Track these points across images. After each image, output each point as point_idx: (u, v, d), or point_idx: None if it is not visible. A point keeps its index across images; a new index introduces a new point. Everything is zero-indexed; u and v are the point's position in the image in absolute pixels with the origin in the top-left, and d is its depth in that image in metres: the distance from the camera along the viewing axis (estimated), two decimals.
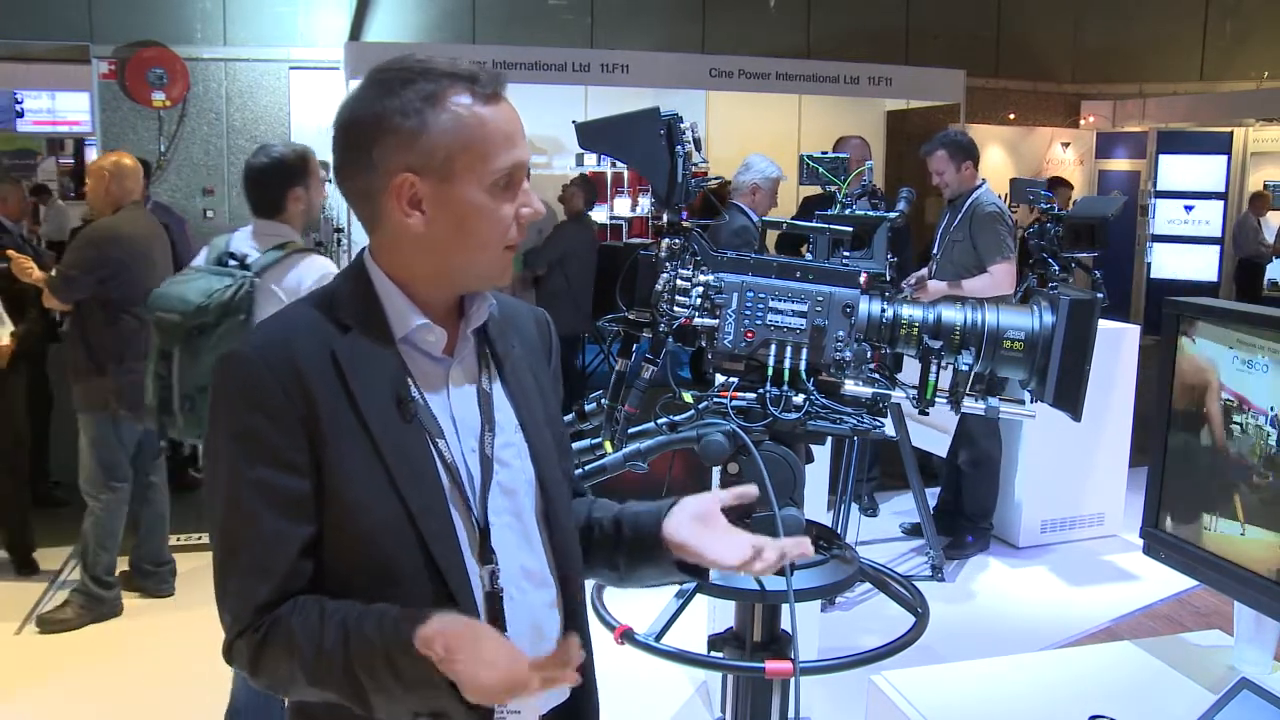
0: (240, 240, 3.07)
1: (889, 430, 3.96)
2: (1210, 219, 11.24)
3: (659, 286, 1.81)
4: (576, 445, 1.81)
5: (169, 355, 2.93)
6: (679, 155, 1.86)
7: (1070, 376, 1.69)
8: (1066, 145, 11.43)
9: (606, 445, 1.82)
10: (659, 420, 1.81)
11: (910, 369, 1.79)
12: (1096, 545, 5.09)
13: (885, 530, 5.18)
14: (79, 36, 9.39)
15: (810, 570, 1.76)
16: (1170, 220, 11.35)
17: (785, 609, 1.80)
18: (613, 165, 10.30)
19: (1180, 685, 1.67)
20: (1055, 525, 5.13)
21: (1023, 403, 1.78)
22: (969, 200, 4.70)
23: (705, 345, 1.78)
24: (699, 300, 1.75)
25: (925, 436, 4.71)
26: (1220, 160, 11.19)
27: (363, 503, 1.21)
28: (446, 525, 1.25)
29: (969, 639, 4.05)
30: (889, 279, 1.87)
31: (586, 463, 1.80)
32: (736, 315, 1.73)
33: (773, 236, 6.31)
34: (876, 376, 1.78)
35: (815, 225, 1.93)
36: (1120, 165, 11.58)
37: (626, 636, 1.72)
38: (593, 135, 1.93)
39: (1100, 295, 1.90)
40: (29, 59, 10.03)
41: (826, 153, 4.07)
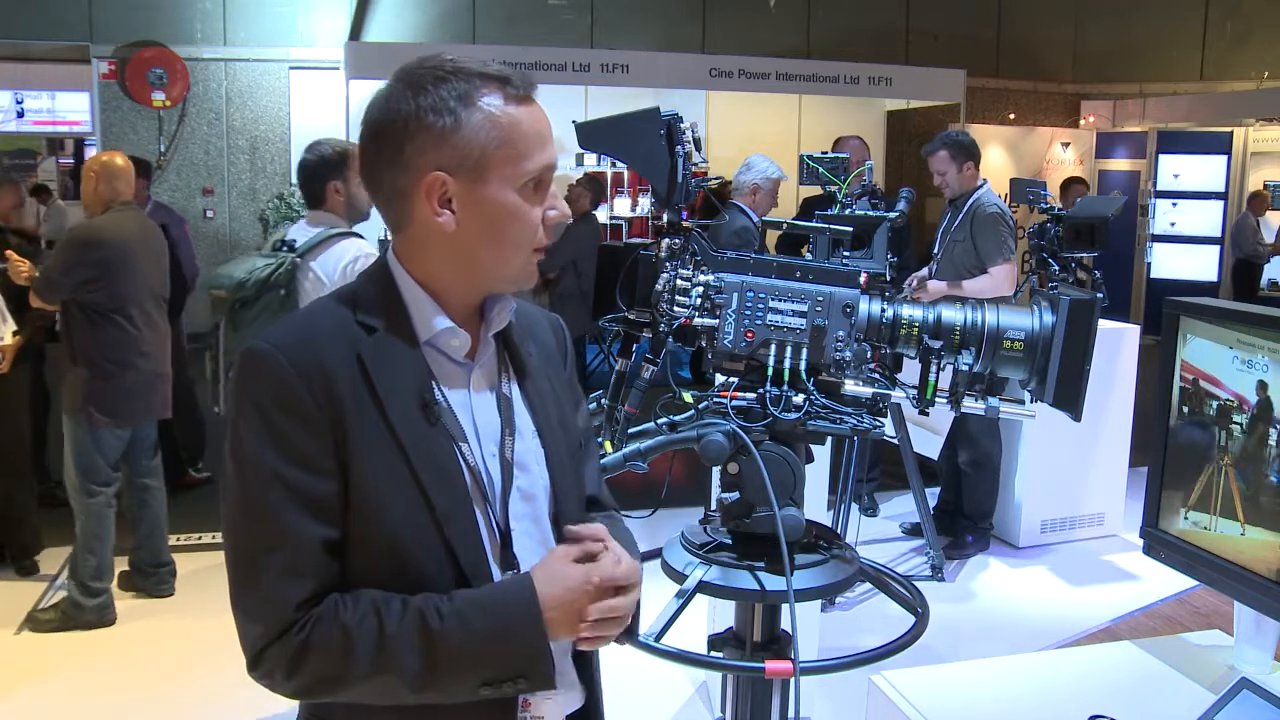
0: (295, 229, 3.35)
1: (889, 430, 3.97)
2: (1205, 217, 11.24)
3: (659, 286, 1.81)
4: None
5: (218, 329, 3.24)
6: (679, 155, 1.85)
7: (1070, 377, 1.69)
8: (1067, 145, 11.43)
9: (606, 445, 1.82)
10: (659, 420, 1.81)
11: (910, 369, 1.79)
12: (1096, 545, 5.09)
13: (885, 530, 5.18)
14: (79, 36, 9.40)
15: (810, 570, 1.76)
16: (1163, 214, 11.36)
17: (785, 609, 1.80)
18: (613, 165, 10.31)
19: (1180, 685, 1.67)
20: (1055, 525, 5.13)
21: (1023, 403, 1.78)
22: (970, 200, 4.70)
23: (705, 345, 1.78)
24: (699, 300, 1.75)
25: (916, 437, 4.71)
26: (1220, 160, 11.19)
27: (388, 505, 1.21)
28: (471, 528, 1.25)
29: (969, 639, 4.05)
30: (889, 279, 1.87)
31: None
32: (736, 315, 1.73)
33: (773, 237, 6.32)
34: (876, 376, 1.78)
35: (815, 225, 1.93)
36: (1120, 165, 11.58)
37: (626, 636, 1.72)
38: (593, 135, 1.93)
39: (1100, 295, 1.90)
40: (29, 59, 10.03)
41: (826, 153, 4.09)
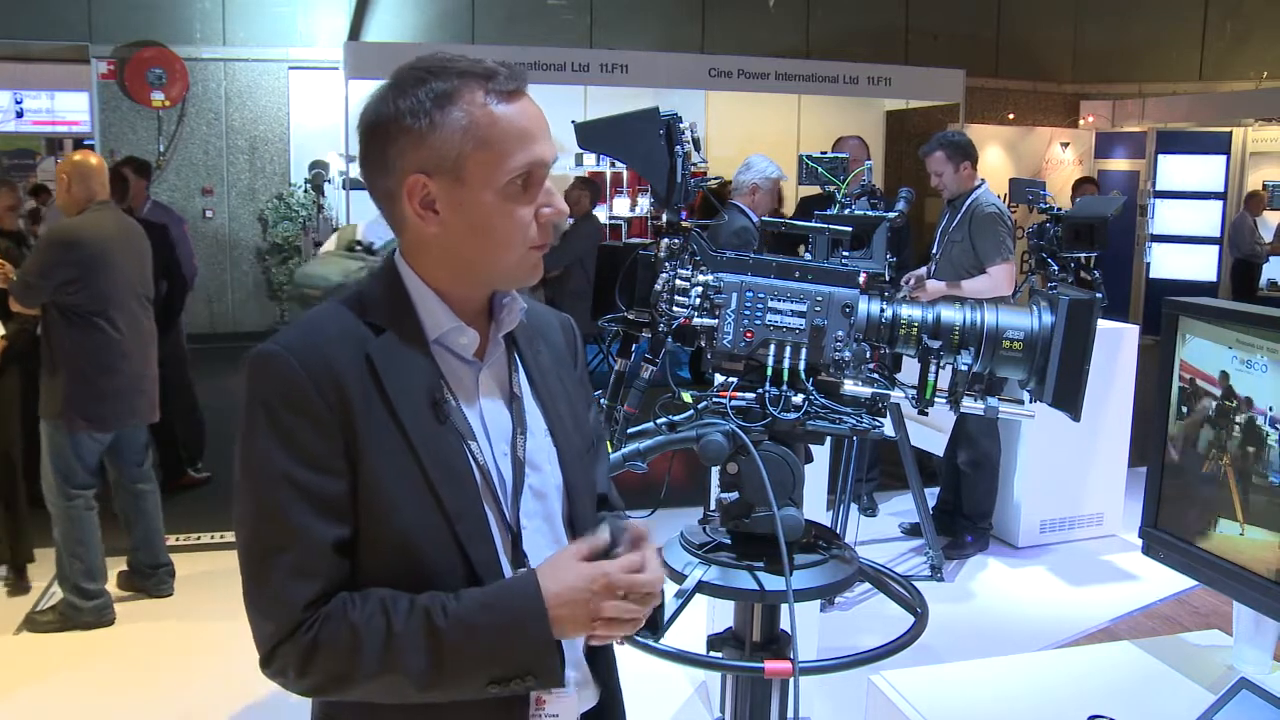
0: (368, 229, 3.54)
1: (888, 430, 3.97)
2: (1204, 217, 11.25)
3: (658, 286, 1.81)
4: None
5: None
6: (678, 155, 1.85)
7: (1069, 377, 1.69)
8: (1066, 145, 11.44)
9: (606, 445, 1.82)
10: (658, 420, 1.81)
11: (910, 369, 1.79)
12: (1096, 545, 5.09)
13: (884, 530, 5.18)
14: (78, 36, 9.40)
15: (809, 570, 1.76)
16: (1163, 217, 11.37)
17: (784, 609, 1.80)
18: (612, 165, 10.31)
19: (1179, 685, 1.67)
20: (1054, 525, 5.13)
21: (1022, 403, 1.78)
22: (968, 201, 4.70)
23: (704, 345, 1.78)
24: (698, 300, 1.75)
25: (922, 435, 4.71)
26: (1219, 160, 11.19)
27: (399, 504, 1.21)
28: (482, 527, 1.25)
29: (968, 639, 4.05)
30: (888, 279, 1.87)
31: None
32: (735, 315, 1.73)
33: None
34: (876, 376, 1.78)
35: (814, 225, 1.93)
36: (1119, 165, 11.59)
37: (626, 637, 1.72)
38: (592, 135, 1.93)
39: (1099, 295, 1.90)
40: (29, 59, 10.03)
41: (826, 153, 4.09)
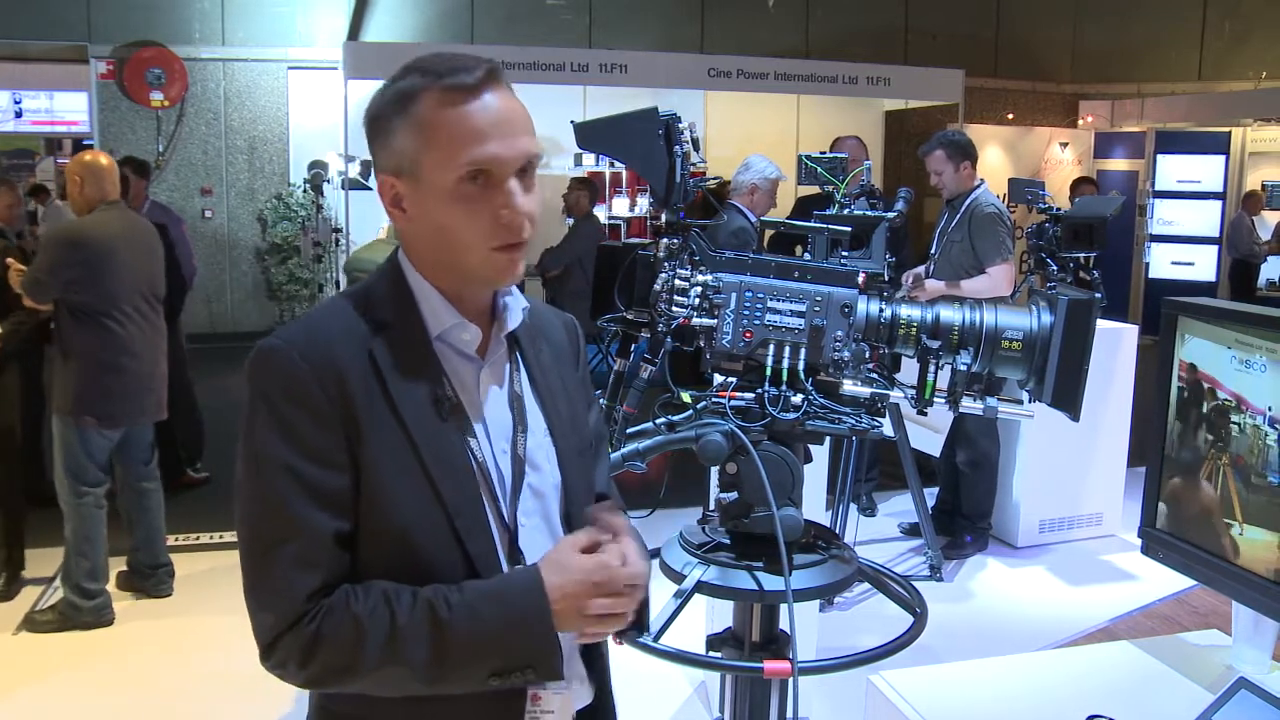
0: None
1: (887, 430, 3.97)
2: (1204, 217, 11.25)
3: (657, 286, 1.81)
4: None
5: None
6: (677, 155, 1.86)
7: (1068, 377, 1.69)
8: (1065, 145, 11.44)
9: (607, 446, 1.82)
10: (657, 420, 1.81)
11: (909, 369, 1.79)
12: (1095, 545, 5.10)
13: (884, 530, 5.18)
14: (77, 36, 9.40)
15: (809, 570, 1.76)
16: (1160, 220, 11.38)
17: (784, 609, 1.80)
18: (611, 165, 10.31)
19: (1178, 685, 1.67)
20: (1053, 525, 5.13)
21: (1021, 403, 1.78)
22: (967, 201, 4.70)
23: (703, 345, 1.78)
24: (697, 300, 1.75)
25: (918, 436, 4.71)
26: (1218, 160, 11.20)
27: (399, 499, 1.22)
28: (481, 523, 1.26)
29: (967, 639, 4.05)
30: (888, 279, 1.87)
31: None
32: (735, 315, 1.73)
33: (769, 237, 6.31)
34: (875, 376, 1.78)
35: (813, 225, 1.93)
36: (1118, 165, 11.59)
37: (625, 636, 1.72)
38: (591, 135, 1.93)
39: (1099, 295, 1.90)
40: (28, 59, 10.03)
41: (825, 153, 4.09)
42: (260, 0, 9.87)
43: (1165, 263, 11.36)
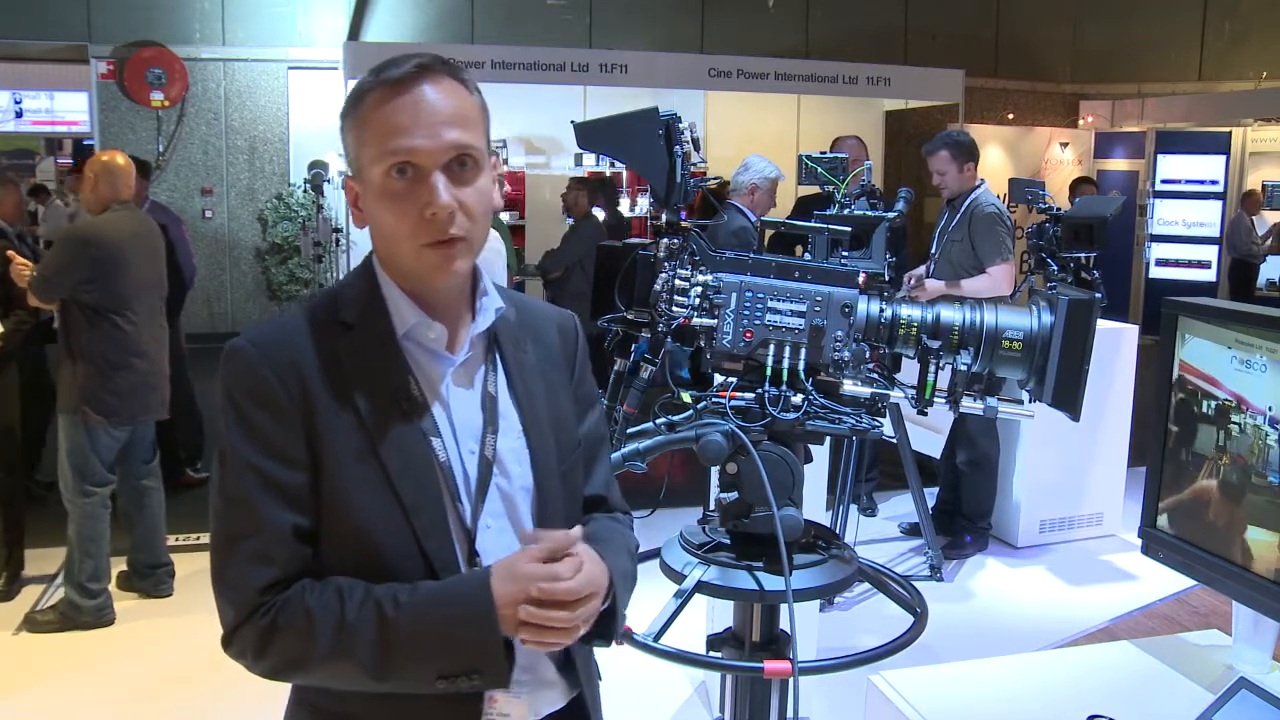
0: None
1: (887, 430, 3.97)
2: (1204, 217, 11.25)
3: (657, 286, 1.81)
4: None
5: None
6: (677, 155, 1.85)
7: (1069, 376, 1.69)
8: (1065, 145, 11.44)
9: (606, 447, 1.82)
10: (657, 420, 1.81)
11: (909, 369, 1.79)
12: (1095, 545, 5.09)
13: (884, 530, 5.18)
14: (78, 36, 9.40)
15: (809, 570, 1.76)
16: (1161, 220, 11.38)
17: (784, 609, 1.80)
18: (611, 165, 10.31)
19: (1179, 685, 1.67)
20: (1054, 525, 5.13)
21: (1021, 403, 1.78)
22: (968, 200, 4.70)
23: (704, 345, 1.78)
24: (697, 300, 1.75)
25: (919, 436, 4.72)
26: (1219, 160, 11.20)
27: (356, 496, 1.23)
28: (440, 523, 1.26)
29: (968, 639, 4.05)
30: (888, 279, 1.87)
31: None
32: (735, 315, 1.73)
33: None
34: (875, 376, 1.78)
35: (814, 225, 1.93)
36: (1119, 165, 11.59)
37: (625, 636, 1.72)
38: (591, 135, 1.93)
39: (1099, 295, 1.90)
40: (28, 59, 10.04)
41: (825, 153, 4.09)
42: (260, 0, 9.87)
43: (1165, 263, 11.36)
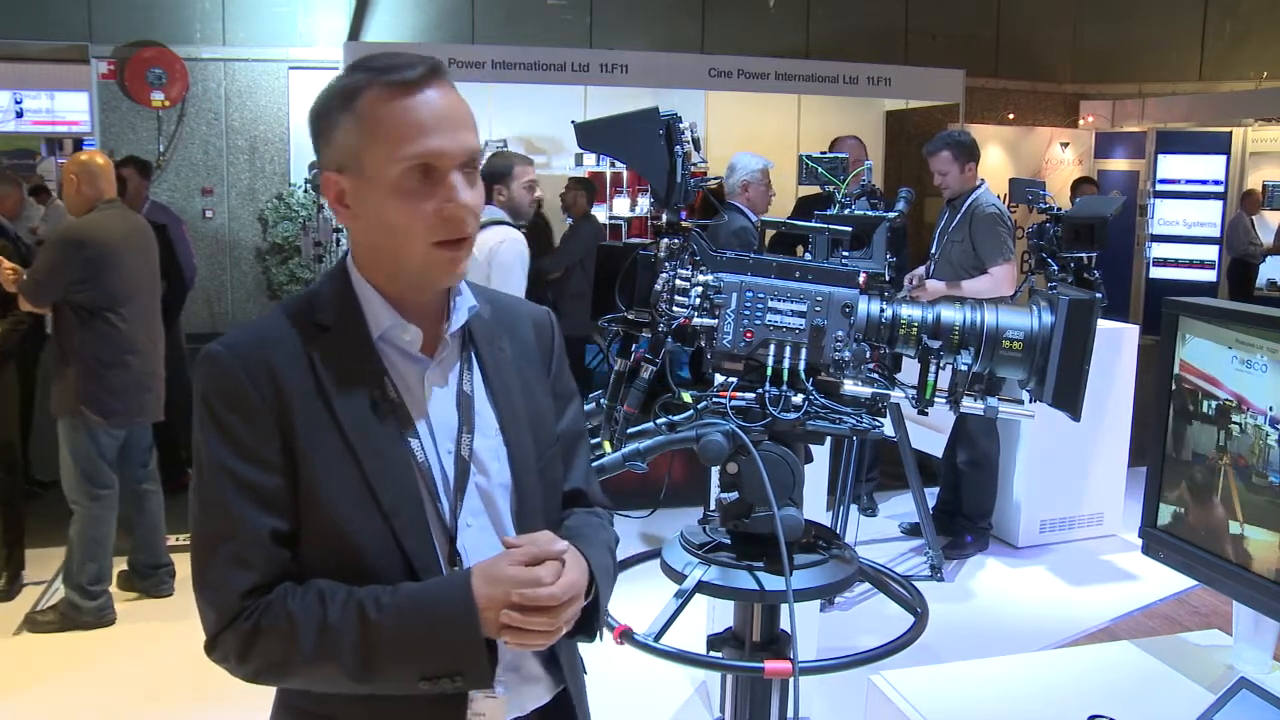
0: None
1: (888, 430, 3.97)
2: (1204, 217, 11.25)
3: (658, 286, 1.81)
4: None
5: None
6: (678, 155, 1.85)
7: (1069, 376, 1.69)
8: (1066, 145, 11.43)
9: (606, 445, 1.82)
10: (658, 420, 1.81)
11: (910, 369, 1.79)
12: (1095, 545, 5.09)
13: (884, 530, 5.18)
14: (78, 36, 9.39)
15: (809, 570, 1.76)
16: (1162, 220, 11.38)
17: (784, 609, 1.80)
18: (612, 165, 10.31)
19: (1179, 685, 1.67)
20: (1054, 525, 5.13)
21: (1022, 403, 1.78)
22: (968, 201, 4.70)
23: (704, 345, 1.78)
24: (698, 300, 1.74)
25: (920, 436, 4.72)
26: (1219, 160, 11.19)
27: (335, 498, 1.23)
28: (419, 523, 1.27)
29: (968, 639, 4.05)
30: (889, 279, 1.87)
31: None
32: (735, 315, 1.73)
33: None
34: (876, 376, 1.78)
35: (814, 225, 1.93)
36: (1119, 165, 11.58)
37: (625, 636, 1.72)
38: (592, 135, 1.92)
39: (1099, 295, 1.90)
40: (28, 59, 10.03)
41: (825, 153, 4.09)
42: (261, 0, 9.87)
43: (1166, 263, 11.36)
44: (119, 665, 3.82)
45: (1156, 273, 11.40)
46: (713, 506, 1.85)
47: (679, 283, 1.77)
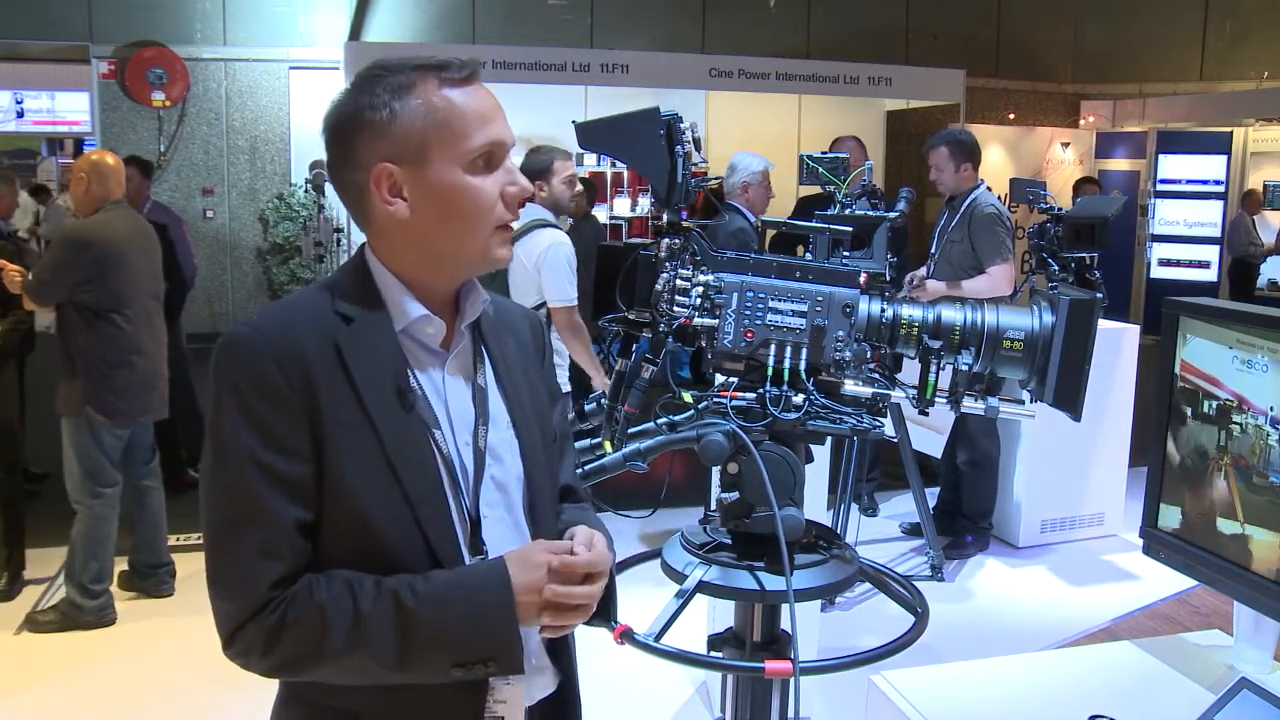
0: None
1: (888, 430, 3.97)
2: (1205, 217, 11.25)
3: (659, 286, 1.81)
4: (577, 445, 1.81)
5: None
6: (678, 155, 1.85)
7: (1070, 376, 1.69)
8: (1066, 145, 11.43)
9: (606, 445, 1.82)
10: (659, 420, 1.81)
11: (910, 369, 1.79)
12: (1096, 545, 5.09)
13: (885, 530, 5.18)
14: (79, 36, 9.40)
15: (810, 570, 1.76)
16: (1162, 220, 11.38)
17: (785, 609, 1.80)
18: (612, 165, 10.31)
19: (1180, 685, 1.67)
20: (1055, 525, 5.13)
21: (1022, 403, 1.78)
22: (967, 201, 4.70)
23: (705, 345, 1.78)
24: (698, 300, 1.74)
25: (920, 436, 4.72)
26: (1220, 160, 11.19)
27: (363, 489, 1.24)
28: (443, 513, 1.28)
29: (969, 639, 4.05)
30: (889, 279, 1.87)
31: (586, 463, 1.80)
32: (736, 315, 1.73)
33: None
34: (876, 376, 1.77)
35: (815, 225, 1.93)
36: (1120, 165, 11.59)
37: (626, 636, 1.72)
38: (592, 135, 1.92)
39: (1100, 295, 1.90)
40: (29, 59, 10.04)
41: (826, 153, 4.09)
42: (262, 0, 9.87)
43: (1166, 263, 11.37)
44: (119, 665, 3.82)
45: (1157, 273, 11.40)
46: (713, 506, 1.85)
47: (680, 283, 1.77)
